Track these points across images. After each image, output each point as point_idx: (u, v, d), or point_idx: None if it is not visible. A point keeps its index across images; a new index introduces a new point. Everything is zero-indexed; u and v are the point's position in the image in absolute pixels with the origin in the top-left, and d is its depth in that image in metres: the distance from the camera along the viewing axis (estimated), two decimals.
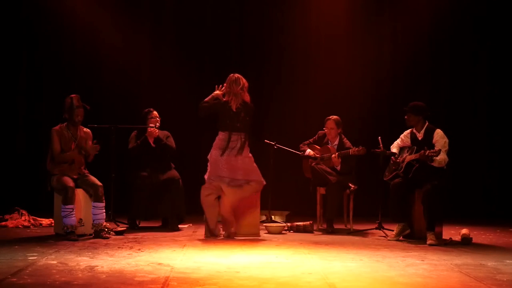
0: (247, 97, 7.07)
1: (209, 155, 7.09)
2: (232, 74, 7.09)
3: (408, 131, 7.30)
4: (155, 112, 7.85)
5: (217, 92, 7.15)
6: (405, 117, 7.17)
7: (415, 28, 9.97)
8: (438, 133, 7.04)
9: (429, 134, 7.06)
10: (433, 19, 9.96)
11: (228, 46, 10.07)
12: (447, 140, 7.00)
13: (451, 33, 10.01)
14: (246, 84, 7.07)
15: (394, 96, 9.87)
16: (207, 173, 7.08)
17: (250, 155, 7.09)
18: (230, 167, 6.96)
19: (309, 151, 8.00)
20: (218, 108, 7.06)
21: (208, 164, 7.09)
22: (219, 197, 7.03)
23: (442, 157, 6.87)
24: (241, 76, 7.07)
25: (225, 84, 7.10)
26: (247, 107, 7.05)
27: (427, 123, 7.13)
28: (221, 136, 7.04)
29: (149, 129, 7.71)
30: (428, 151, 6.79)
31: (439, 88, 10.03)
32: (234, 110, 6.99)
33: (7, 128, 9.68)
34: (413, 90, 9.80)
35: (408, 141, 7.26)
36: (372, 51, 9.95)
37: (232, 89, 7.02)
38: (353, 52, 9.91)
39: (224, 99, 7.06)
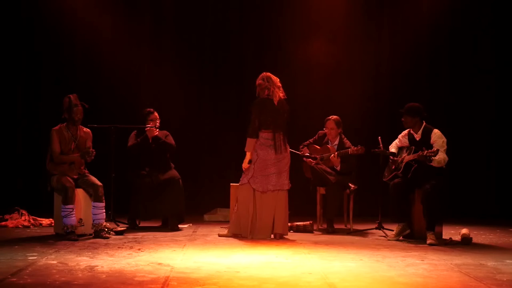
0: (284, 93, 7.07)
1: (259, 149, 6.94)
2: (265, 72, 7.06)
3: (406, 131, 7.30)
4: (155, 114, 7.84)
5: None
6: (402, 119, 7.17)
7: (414, 28, 9.97)
8: (436, 133, 7.03)
9: (426, 135, 7.05)
10: (432, 19, 9.95)
11: (228, 46, 10.07)
12: (445, 140, 6.99)
13: (450, 33, 10.01)
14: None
15: (394, 96, 9.86)
16: (252, 172, 6.94)
17: (289, 154, 7.11)
18: (278, 163, 6.97)
19: (307, 156, 7.98)
20: (261, 107, 6.95)
21: (252, 163, 6.97)
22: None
23: (441, 157, 6.86)
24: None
25: (262, 81, 7.00)
26: (284, 104, 7.04)
27: (424, 124, 7.12)
28: (265, 135, 6.97)
29: (147, 129, 7.71)
30: (426, 151, 6.78)
31: (439, 87, 10.03)
32: (276, 104, 6.96)
33: (7, 128, 9.67)
34: (413, 89, 9.79)
35: (406, 141, 7.25)
36: (371, 50, 9.95)
37: (271, 83, 6.99)
38: (353, 51, 9.91)
39: (263, 96, 6.99)
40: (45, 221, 8.01)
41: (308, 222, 7.69)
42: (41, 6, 9.72)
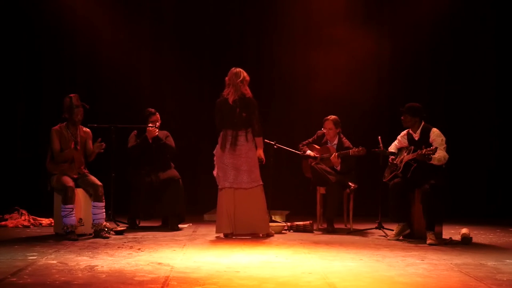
0: (246, 90, 7.04)
1: (215, 150, 7.17)
2: (233, 68, 7.10)
3: (405, 132, 7.30)
4: (157, 115, 7.83)
5: None
6: (402, 118, 7.17)
7: (415, 27, 9.96)
8: (434, 132, 7.03)
9: (425, 134, 7.05)
10: (433, 18, 9.94)
11: (229, 46, 10.08)
12: (444, 138, 6.99)
13: (451, 32, 10.01)
14: (247, 78, 7.07)
15: (394, 95, 9.86)
16: (215, 169, 7.15)
17: (253, 153, 7.07)
18: (234, 161, 7.00)
19: (309, 152, 7.99)
20: (216, 108, 7.09)
21: (215, 159, 7.15)
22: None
23: (441, 155, 6.86)
24: (243, 70, 7.06)
25: (226, 78, 7.10)
26: (245, 101, 7.00)
27: (423, 123, 7.13)
28: (221, 133, 7.10)
29: (148, 128, 7.71)
30: (425, 149, 6.78)
31: (439, 87, 10.02)
32: (231, 103, 6.97)
33: (6, 128, 9.67)
34: (413, 89, 9.79)
35: (405, 142, 7.25)
36: (372, 50, 9.94)
37: (232, 81, 7.03)
38: (353, 51, 9.90)
39: (224, 93, 7.08)
40: (45, 221, 8.02)
41: (308, 222, 7.69)
42: (41, 6, 9.71)
